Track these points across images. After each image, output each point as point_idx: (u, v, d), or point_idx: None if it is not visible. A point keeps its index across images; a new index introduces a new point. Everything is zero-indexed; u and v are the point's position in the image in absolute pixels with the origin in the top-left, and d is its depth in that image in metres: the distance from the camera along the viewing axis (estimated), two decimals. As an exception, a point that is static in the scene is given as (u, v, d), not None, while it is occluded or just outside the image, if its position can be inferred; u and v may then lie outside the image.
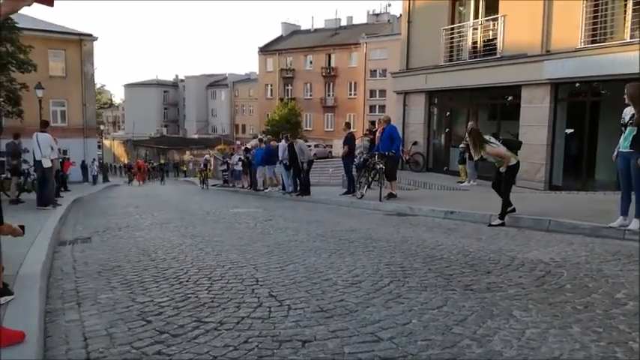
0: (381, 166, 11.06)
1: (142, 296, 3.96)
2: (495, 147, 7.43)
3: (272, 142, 17.15)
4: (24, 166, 13.07)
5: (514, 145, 7.77)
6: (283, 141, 15.45)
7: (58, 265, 5.39)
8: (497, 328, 3.02)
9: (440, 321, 3.18)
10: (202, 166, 28.44)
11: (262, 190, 17.50)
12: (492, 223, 7.50)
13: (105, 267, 5.14)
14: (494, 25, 15.09)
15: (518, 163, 7.59)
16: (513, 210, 7.65)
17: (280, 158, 15.34)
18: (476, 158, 7.69)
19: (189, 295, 3.93)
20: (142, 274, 4.78)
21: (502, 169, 7.55)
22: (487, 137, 7.58)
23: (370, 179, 11.90)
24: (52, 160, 11.04)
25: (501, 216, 7.51)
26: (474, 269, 4.61)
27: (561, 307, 3.44)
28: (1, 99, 20.16)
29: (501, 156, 7.42)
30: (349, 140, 13.32)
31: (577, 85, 13.33)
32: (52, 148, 11.06)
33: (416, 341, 2.85)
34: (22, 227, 4.11)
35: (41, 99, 22.46)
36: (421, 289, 3.94)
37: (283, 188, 15.80)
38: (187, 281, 4.42)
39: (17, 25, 18.30)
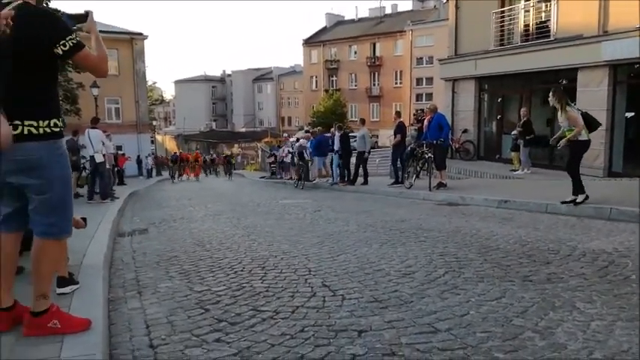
0: (430, 155, 10.88)
1: (200, 285, 4.06)
2: (576, 113, 7.25)
3: (331, 130, 16.84)
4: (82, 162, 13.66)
5: (592, 123, 7.46)
6: (337, 131, 15.33)
7: (118, 255, 5.61)
8: (561, 320, 2.91)
9: (499, 312, 3.10)
10: (296, 155, 17.52)
11: (311, 181, 17.58)
12: (577, 201, 7.28)
13: (162, 257, 5.31)
14: (547, 6, 14.48)
15: (589, 141, 7.33)
16: (587, 198, 7.32)
17: (336, 148, 15.17)
18: (559, 115, 7.43)
19: (244, 285, 4.01)
20: (198, 263, 4.90)
21: (562, 141, 7.31)
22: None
23: (419, 169, 11.73)
24: (104, 155, 11.47)
25: (575, 191, 7.31)
26: (532, 260, 4.46)
27: (628, 298, 3.28)
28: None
29: (577, 124, 7.18)
30: (400, 129, 13.16)
31: (636, 67, 12.64)
32: (103, 143, 11.48)
33: (475, 333, 2.79)
34: (85, 219, 4.30)
35: (97, 97, 23.36)
36: (477, 280, 3.85)
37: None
38: (242, 271, 4.50)
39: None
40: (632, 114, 12.88)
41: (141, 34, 34.43)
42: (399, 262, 4.55)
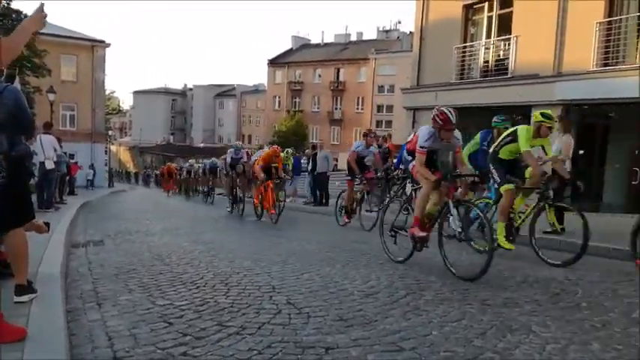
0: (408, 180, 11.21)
1: (161, 299, 4.00)
2: (572, 143, 7.98)
3: (307, 151, 17.20)
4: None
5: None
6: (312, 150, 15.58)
7: (73, 266, 5.44)
8: (518, 343, 3.05)
9: (460, 333, 3.21)
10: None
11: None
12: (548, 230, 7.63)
13: (121, 270, 5.19)
14: (506, 45, 15.20)
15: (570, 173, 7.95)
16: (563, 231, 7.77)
17: (310, 168, 15.24)
18: (555, 140, 7.91)
19: (207, 300, 3.97)
20: (158, 277, 4.82)
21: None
22: None
23: (393, 194, 11.94)
24: (55, 162, 11.10)
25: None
26: (488, 285, 4.63)
27: (579, 324, 3.46)
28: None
29: (568, 152, 7.86)
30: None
31: (585, 107, 13.40)
32: (55, 150, 11.12)
33: (438, 352, 2.88)
34: (47, 224, 4.17)
35: (52, 103, 22.69)
36: (438, 303, 3.96)
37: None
38: (204, 286, 4.46)
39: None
40: (582, 152, 13.59)
41: (103, 41, 33.81)
42: (362, 283, 4.62)
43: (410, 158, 6.28)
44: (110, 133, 50.10)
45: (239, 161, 12.70)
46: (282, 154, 11.59)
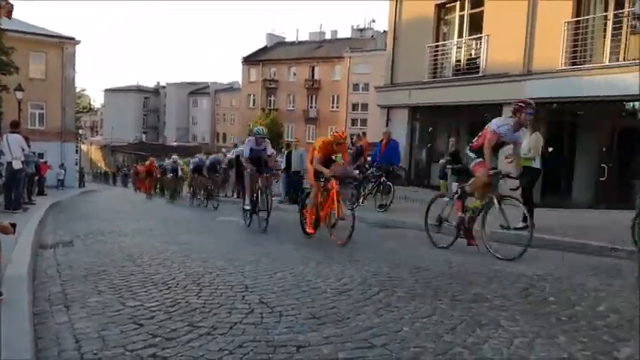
0: (384, 178, 11.32)
1: (132, 300, 3.94)
2: (535, 141, 7.92)
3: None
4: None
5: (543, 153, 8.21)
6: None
7: (42, 267, 5.32)
8: (487, 337, 3.10)
9: (430, 329, 3.25)
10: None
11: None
12: (518, 227, 7.58)
13: (90, 271, 5.09)
14: (477, 44, 15.42)
15: (540, 170, 8.06)
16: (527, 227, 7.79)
17: (284, 166, 15.04)
18: (530, 134, 7.92)
19: (179, 301, 3.93)
20: (129, 278, 4.74)
21: (515, 167, 7.52)
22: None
23: (367, 191, 12.04)
24: (22, 162, 10.84)
25: (526, 218, 7.72)
26: (459, 281, 4.70)
27: (546, 318, 3.54)
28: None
29: (535, 150, 7.89)
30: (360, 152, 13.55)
31: (554, 105, 13.69)
32: (22, 149, 10.85)
33: (409, 348, 2.91)
34: (14, 225, 4.05)
35: (20, 101, 22.11)
36: (410, 299, 4.00)
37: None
38: (176, 287, 4.40)
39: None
40: (551, 149, 13.88)
41: (73, 38, 33.08)
42: (335, 281, 4.64)
43: (473, 155, 6.56)
44: (81, 132, 49.15)
45: (261, 154, 9.20)
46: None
